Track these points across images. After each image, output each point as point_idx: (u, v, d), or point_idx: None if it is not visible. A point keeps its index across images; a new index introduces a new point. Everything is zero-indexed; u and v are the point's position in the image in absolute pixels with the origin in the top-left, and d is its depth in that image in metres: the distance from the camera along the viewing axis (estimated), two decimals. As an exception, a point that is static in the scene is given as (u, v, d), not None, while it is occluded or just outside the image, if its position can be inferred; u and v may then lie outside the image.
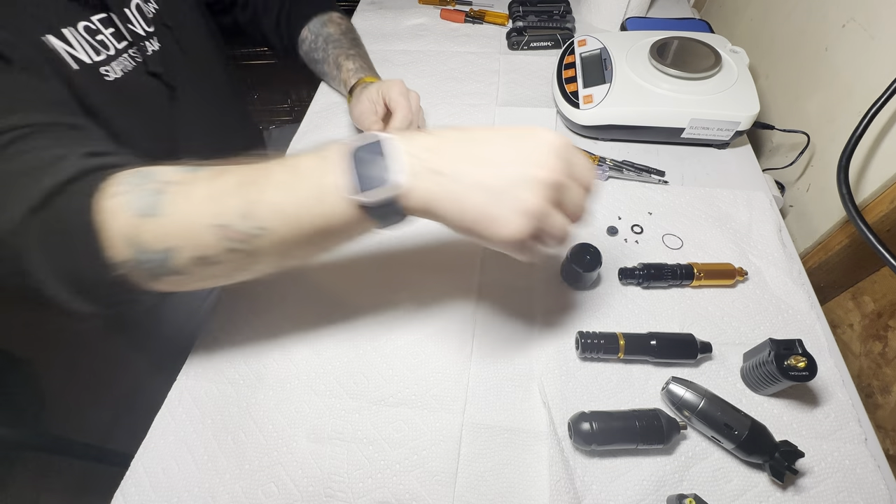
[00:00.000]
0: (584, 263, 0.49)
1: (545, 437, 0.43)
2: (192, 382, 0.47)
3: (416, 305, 0.51)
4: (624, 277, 0.52)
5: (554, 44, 0.82)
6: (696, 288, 0.52)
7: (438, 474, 0.41)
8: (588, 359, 0.47)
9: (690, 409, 0.41)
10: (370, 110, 0.61)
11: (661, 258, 0.53)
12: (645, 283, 0.52)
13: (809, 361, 0.40)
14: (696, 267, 0.51)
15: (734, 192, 0.60)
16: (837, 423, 0.43)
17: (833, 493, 0.40)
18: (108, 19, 0.55)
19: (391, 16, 0.91)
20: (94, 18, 0.54)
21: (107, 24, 0.55)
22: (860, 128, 0.50)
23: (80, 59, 0.52)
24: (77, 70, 0.51)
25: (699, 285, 0.52)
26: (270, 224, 0.34)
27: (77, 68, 0.51)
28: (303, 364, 0.48)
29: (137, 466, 0.43)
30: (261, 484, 0.41)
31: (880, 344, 0.55)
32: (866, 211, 0.52)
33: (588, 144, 0.67)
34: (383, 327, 0.50)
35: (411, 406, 0.45)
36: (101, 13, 0.54)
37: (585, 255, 0.49)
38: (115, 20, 0.55)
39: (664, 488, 0.40)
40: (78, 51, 0.51)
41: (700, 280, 0.51)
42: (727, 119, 0.61)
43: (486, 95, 0.75)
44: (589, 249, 0.49)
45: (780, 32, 0.71)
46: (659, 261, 0.52)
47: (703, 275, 0.51)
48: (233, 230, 0.34)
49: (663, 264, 0.52)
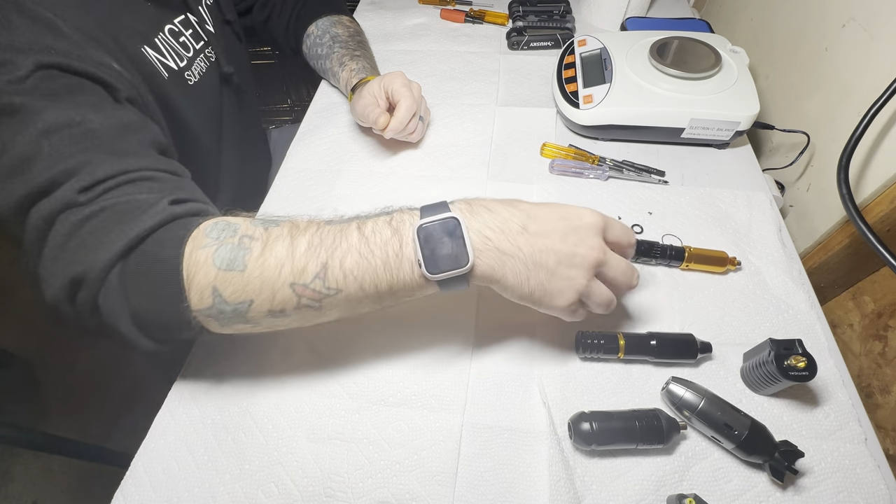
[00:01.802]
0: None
1: (545, 437, 0.43)
2: (192, 382, 0.47)
3: (417, 305, 0.51)
4: None
5: (554, 44, 0.82)
6: (685, 271, 0.53)
7: (438, 474, 0.41)
8: (588, 359, 0.47)
9: (690, 409, 0.41)
10: (373, 104, 0.62)
11: (661, 258, 0.53)
12: (635, 256, 0.53)
13: (809, 361, 0.40)
14: (687, 249, 0.52)
15: (734, 192, 0.60)
16: (837, 423, 0.43)
17: (833, 493, 0.40)
18: (186, 20, 0.58)
19: (391, 16, 0.91)
20: (176, 21, 0.56)
21: (185, 25, 0.57)
22: (860, 128, 0.50)
23: (170, 66, 0.54)
24: (167, 78, 0.53)
25: (688, 268, 0.53)
26: (344, 286, 0.37)
27: (167, 76, 0.53)
28: (303, 364, 0.48)
29: (137, 466, 0.43)
30: (261, 484, 0.41)
31: (880, 344, 0.55)
32: (866, 211, 0.52)
33: (588, 144, 0.67)
34: (383, 327, 0.50)
35: (411, 406, 0.45)
36: (180, 14, 0.57)
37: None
38: (192, 20, 0.58)
39: (664, 488, 0.40)
40: (168, 58, 0.54)
41: (690, 263, 0.52)
42: (727, 119, 0.61)
43: (486, 95, 0.75)
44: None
45: (780, 32, 0.71)
46: (658, 259, 0.53)
47: (693, 258, 0.52)
48: (309, 290, 0.37)
49: (655, 241, 0.53)
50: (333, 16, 0.75)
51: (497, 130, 0.70)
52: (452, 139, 0.69)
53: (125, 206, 0.37)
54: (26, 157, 0.36)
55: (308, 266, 0.37)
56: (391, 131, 0.60)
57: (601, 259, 0.39)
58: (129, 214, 0.36)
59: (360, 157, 0.67)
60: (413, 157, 0.67)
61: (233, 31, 0.68)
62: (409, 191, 0.63)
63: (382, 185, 0.63)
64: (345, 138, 0.70)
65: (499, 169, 0.65)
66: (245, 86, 0.70)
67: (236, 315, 0.37)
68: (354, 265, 0.37)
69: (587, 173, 0.63)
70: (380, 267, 0.37)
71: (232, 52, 0.66)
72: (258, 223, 0.39)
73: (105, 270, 0.35)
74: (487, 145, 0.67)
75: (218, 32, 0.63)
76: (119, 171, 0.38)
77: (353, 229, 0.38)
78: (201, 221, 0.38)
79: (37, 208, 0.36)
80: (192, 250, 0.36)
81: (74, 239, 0.36)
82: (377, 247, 0.37)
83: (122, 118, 0.42)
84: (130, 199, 0.37)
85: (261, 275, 0.36)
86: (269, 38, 0.79)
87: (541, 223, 0.39)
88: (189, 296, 0.36)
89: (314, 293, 0.37)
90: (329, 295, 0.37)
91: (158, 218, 0.37)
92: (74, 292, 0.36)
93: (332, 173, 0.65)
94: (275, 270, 0.36)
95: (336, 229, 0.38)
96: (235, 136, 0.70)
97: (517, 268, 0.38)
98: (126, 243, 0.35)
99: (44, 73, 0.38)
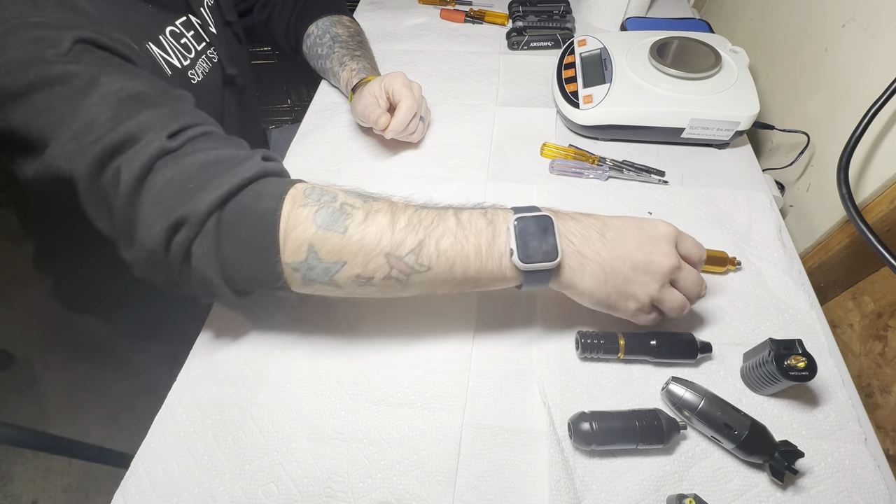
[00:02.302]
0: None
1: (545, 437, 0.43)
2: (192, 382, 0.47)
3: (417, 305, 0.51)
4: None
5: (554, 44, 0.82)
6: None
7: (438, 474, 0.41)
8: (588, 359, 0.47)
9: (690, 409, 0.41)
10: (374, 104, 0.62)
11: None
12: None
13: (809, 361, 0.40)
14: None
15: (734, 192, 0.60)
16: (837, 423, 0.43)
17: (833, 493, 0.40)
18: (188, 22, 0.58)
19: (391, 16, 0.91)
20: (178, 22, 0.57)
21: (188, 27, 0.58)
22: (860, 128, 0.50)
23: (174, 64, 0.54)
24: (171, 75, 0.54)
25: None
26: (435, 265, 0.39)
27: (170, 73, 0.54)
28: (303, 364, 0.48)
29: (137, 466, 0.43)
30: (261, 484, 0.41)
31: (880, 344, 0.55)
32: (866, 211, 0.52)
33: (588, 144, 0.67)
34: (384, 327, 0.50)
35: (411, 406, 0.45)
36: (182, 16, 0.57)
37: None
38: (194, 21, 0.59)
39: (664, 488, 0.40)
40: (171, 56, 0.54)
41: None
42: (727, 119, 0.61)
43: (485, 95, 0.75)
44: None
45: (780, 32, 0.71)
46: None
47: None
48: (402, 262, 0.39)
49: None
50: (333, 16, 0.75)
51: (497, 130, 0.70)
52: (452, 139, 0.69)
53: (218, 156, 0.39)
54: (95, 118, 0.37)
55: (406, 240, 0.39)
56: (392, 132, 0.61)
57: (675, 266, 0.41)
58: (226, 164, 0.38)
59: (360, 158, 0.67)
60: (413, 157, 0.67)
61: (233, 32, 0.68)
62: (409, 191, 0.62)
63: (382, 186, 0.63)
64: (345, 138, 0.70)
65: (499, 169, 0.65)
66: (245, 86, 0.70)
67: (325, 273, 0.39)
68: (449, 247, 0.39)
69: (587, 173, 0.63)
70: (472, 253, 0.39)
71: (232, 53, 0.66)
72: (355, 195, 0.41)
73: (206, 215, 0.36)
74: (487, 145, 0.67)
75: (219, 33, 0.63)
76: (191, 122, 0.40)
77: (451, 215, 0.41)
78: (297, 182, 0.40)
79: (126, 158, 0.37)
80: (291, 207, 0.38)
81: (175, 183, 0.37)
82: (472, 234, 0.40)
83: (160, 84, 0.43)
84: (221, 152, 0.39)
85: (361, 240, 0.38)
86: (270, 39, 0.79)
87: (618, 231, 0.41)
88: (284, 248, 0.37)
89: (406, 266, 0.39)
90: (419, 271, 0.39)
91: (255, 170, 0.38)
92: (172, 236, 0.37)
93: (332, 173, 0.65)
94: (375, 238, 0.38)
95: (434, 213, 0.41)
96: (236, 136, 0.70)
97: (596, 272, 0.41)
98: (227, 190, 0.37)
99: (82, 46, 0.40)
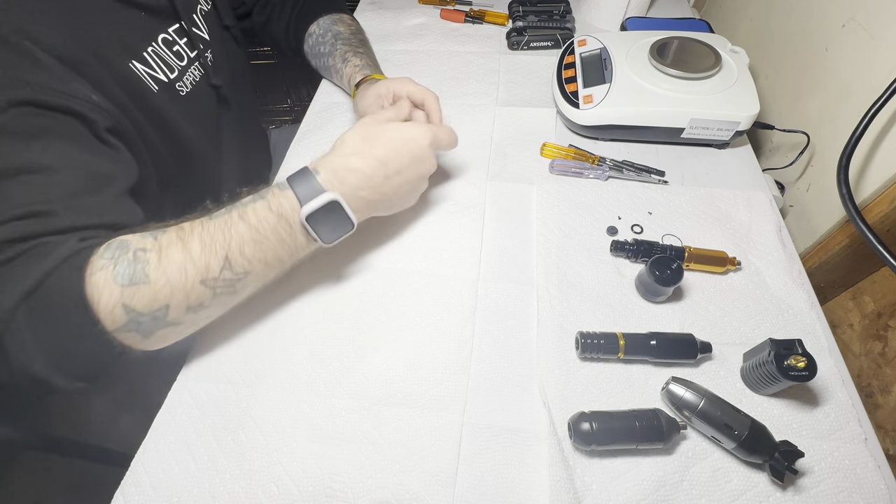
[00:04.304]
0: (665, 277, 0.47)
1: (545, 437, 0.43)
2: (192, 382, 0.47)
3: (417, 305, 0.51)
4: (615, 250, 0.54)
5: (554, 44, 0.82)
6: (685, 271, 0.52)
7: (438, 474, 0.41)
8: (588, 359, 0.47)
9: (690, 409, 0.41)
10: (377, 105, 0.62)
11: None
12: (634, 257, 0.53)
13: (809, 361, 0.40)
14: (687, 249, 0.52)
15: (734, 192, 0.60)
16: (837, 423, 0.43)
17: (833, 493, 0.40)
18: (181, 29, 0.57)
19: (391, 16, 0.91)
20: (171, 30, 0.56)
21: (180, 34, 0.57)
22: (860, 128, 0.50)
23: (160, 79, 0.53)
24: (156, 91, 0.53)
25: (688, 268, 0.52)
26: (250, 268, 0.42)
27: (156, 89, 0.53)
28: (303, 364, 0.48)
29: (137, 466, 0.43)
30: (261, 484, 0.41)
31: (880, 344, 0.55)
32: (866, 211, 0.52)
33: (588, 144, 0.67)
34: (384, 327, 0.50)
35: (411, 406, 0.45)
36: (174, 23, 0.56)
37: (667, 268, 0.48)
38: (186, 28, 0.58)
39: (664, 488, 0.40)
40: (157, 71, 0.53)
41: (690, 263, 0.52)
42: (727, 119, 0.61)
43: (485, 95, 0.75)
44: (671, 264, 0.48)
45: (780, 32, 0.71)
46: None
47: (693, 258, 0.52)
48: (220, 280, 0.40)
49: (655, 242, 0.53)
50: (334, 14, 0.75)
51: (497, 130, 0.70)
52: (452, 139, 0.69)
53: (36, 250, 0.36)
54: None
55: (211, 263, 0.40)
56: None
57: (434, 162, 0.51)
58: (38, 256, 0.36)
59: (360, 157, 0.67)
60: (413, 157, 0.67)
61: (231, 36, 0.68)
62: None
63: (382, 185, 0.63)
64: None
65: (499, 169, 0.65)
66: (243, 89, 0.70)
67: (157, 321, 0.39)
68: (254, 250, 0.41)
69: (587, 173, 0.63)
70: (277, 245, 0.42)
71: (230, 57, 0.66)
72: (148, 235, 0.40)
73: (10, 312, 0.35)
74: (487, 145, 0.67)
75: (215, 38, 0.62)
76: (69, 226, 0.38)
77: (237, 221, 0.41)
78: (97, 246, 0.38)
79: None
80: (90, 275, 0.36)
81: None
82: (269, 232, 0.42)
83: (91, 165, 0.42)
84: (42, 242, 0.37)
85: (167, 281, 0.38)
86: (270, 40, 0.79)
87: (395, 163, 0.47)
88: (100, 318, 0.36)
89: (225, 281, 0.41)
90: (240, 278, 0.42)
91: (63, 255, 0.36)
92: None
93: (332, 173, 0.65)
94: (180, 274, 0.38)
95: (220, 224, 0.41)
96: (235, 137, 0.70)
97: (385, 205, 0.49)
98: (33, 282, 0.35)
99: (17, 110, 0.38)
